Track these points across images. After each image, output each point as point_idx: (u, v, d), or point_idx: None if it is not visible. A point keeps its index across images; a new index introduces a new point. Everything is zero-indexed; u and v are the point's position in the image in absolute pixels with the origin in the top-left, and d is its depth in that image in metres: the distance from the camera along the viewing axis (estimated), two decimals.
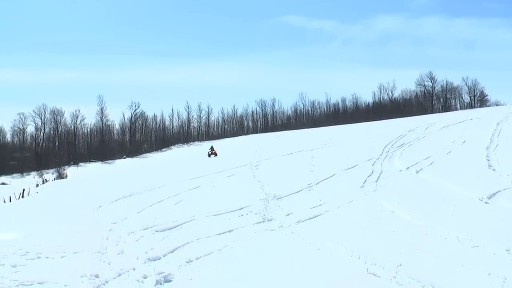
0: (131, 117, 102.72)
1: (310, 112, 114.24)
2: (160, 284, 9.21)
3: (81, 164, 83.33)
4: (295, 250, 11.36)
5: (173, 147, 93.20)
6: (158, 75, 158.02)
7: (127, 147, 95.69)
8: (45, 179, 55.81)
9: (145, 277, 9.55)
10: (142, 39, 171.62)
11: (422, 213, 14.11)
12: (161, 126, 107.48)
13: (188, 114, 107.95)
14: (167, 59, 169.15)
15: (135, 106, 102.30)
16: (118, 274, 9.84)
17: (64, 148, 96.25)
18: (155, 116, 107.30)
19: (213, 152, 50.52)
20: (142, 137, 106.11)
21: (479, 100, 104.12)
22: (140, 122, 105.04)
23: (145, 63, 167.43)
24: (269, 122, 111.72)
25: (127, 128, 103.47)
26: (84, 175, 61.15)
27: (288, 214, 15.66)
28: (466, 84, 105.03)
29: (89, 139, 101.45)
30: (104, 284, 9.30)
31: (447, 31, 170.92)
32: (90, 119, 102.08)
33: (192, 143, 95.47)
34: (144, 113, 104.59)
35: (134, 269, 10.18)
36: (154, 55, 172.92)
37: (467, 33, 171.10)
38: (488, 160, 22.54)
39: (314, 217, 15.05)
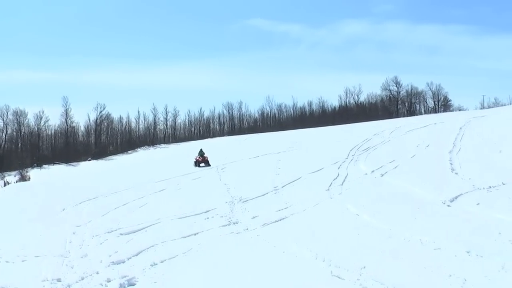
0: (97, 119, 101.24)
1: (277, 115, 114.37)
2: (124, 287, 9.12)
3: (44, 166, 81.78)
4: (260, 253, 11.37)
5: (139, 149, 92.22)
6: (124, 77, 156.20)
7: (92, 149, 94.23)
8: (7, 182, 54.62)
9: (108, 281, 9.44)
10: (108, 40, 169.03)
11: (386, 216, 14.27)
12: (127, 128, 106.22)
13: (155, 116, 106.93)
14: (133, 61, 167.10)
15: (100, 107, 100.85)
16: (81, 278, 9.70)
17: (27, 149, 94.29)
18: (121, 118, 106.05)
19: (203, 159, 35.64)
20: (107, 139, 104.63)
21: (442, 105, 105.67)
22: (105, 124, 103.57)
23: (111, 64, 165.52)
24: (236, 125, 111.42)
25: (92, 130, 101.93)
26: (48, 177, 60.16)
27: (253, 217, 15.67)
28: (430, 89, 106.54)
29: (53, 141, 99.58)
30: None
31: (411, 37, 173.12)
32: (54, 121, 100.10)
33: (158, 145, 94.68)
34: (110, 115, 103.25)
35: (97, 273, 10.04)
36: (120, 57, 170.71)
37: (430, 39, 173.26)
38: (451, 164, 22.91)
39: (280, 220, 15.10)
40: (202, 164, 34.91)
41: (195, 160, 35.90)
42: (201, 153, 36.67)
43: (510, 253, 9.69)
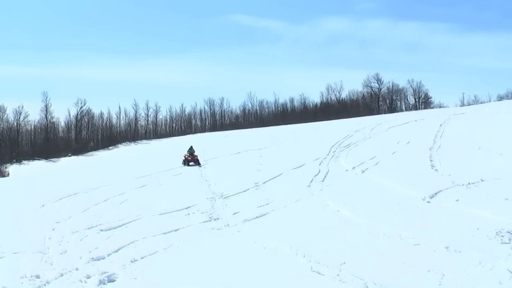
0: (77, 114, 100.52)
1: (258, 111, 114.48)
2: (104, 284, 9.07)
3: (24, 162, 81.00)
4: (240, 249, 11.39)
5: (120, 145, 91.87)
6: (105, 73, 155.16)
7: (73, 145, 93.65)
8: None
9: (88, 277, 9.37)
10: (89, 35, 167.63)
11: (366, 212, 14.35)
12: (108, 124, 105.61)
13: (136, 112, 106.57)
14: (114, 56, 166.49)
15: (81, 103, 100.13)
16: (60, 274, 9.62)
17: (6, 145, 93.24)
18: (101, 114, 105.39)
19: (193, 157, 32.50)
20: (88, 135, 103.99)
21: (423, 102, 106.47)
22: (86, 119, 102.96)
23: (91, 60, 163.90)
24: (217, 121, 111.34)
25: (72, 126, 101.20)
26: (28, 173, 59.62)
27: (234, 213, 15.69)
28: (411, 86, 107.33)
29: (32, 137, 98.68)
30: (45, 285, 9.08)
31: (392, 34, 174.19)
32: (34, 116, 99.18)
33: (139, 141, 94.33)
34: (90, 110, 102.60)
35: (77, 269, 9.98)
36: (101, 52, 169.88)
37: (411, 36, 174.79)
38: (431, 160, 23.09)
39: (261, 216, 15.12)
40: (192, 163, 31.89)
41: (184, 159, 32.53)
42: (191, 151, 33.10)
43: (487, 248, 9.79)
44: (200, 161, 32.07)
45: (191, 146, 33.98)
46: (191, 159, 32.22)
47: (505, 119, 34.85)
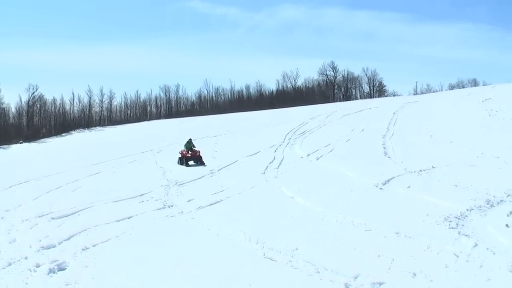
0: (29, 100, 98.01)
1: (214, 98, 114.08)
2: (54, 272, 8.90)
3: None
4: (194, 236, 11.35)
5: (73, 132, 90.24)
6: (58, 58, 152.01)
7: (24, 132, 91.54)
8: None
9: (37, 266, 9.19)
10: (41, 20, 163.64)
11: (320, 198, 14.48)
12: (61, 110, 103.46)
13: (90, 98, 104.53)
14: (67, 42, 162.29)
15: (33, 88, 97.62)
16: (8, 264, 9.42)
17: None
18: (54, 100, 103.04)
19: (194, 154, 24.90)
20: (40, 122, 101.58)
21: (377, 90, 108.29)
22: (38, 105, 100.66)
23: (43, 45, 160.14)
24: (173, 108, 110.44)
25: (24, 112, 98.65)
26: None
27: (189, 200, 15.62)
28: (366, 74, 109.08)
29: None
30: None
31: (348, 23, 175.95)
32: None
33: (93, 128, 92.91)
34: (43, 96, 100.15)
35: (26, 258, 9.78)
36: (53, 37, 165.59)
37: (366, 25, 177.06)
38: (384, 148, 23.50)
39: (215, 203, 15.10)
40: (192, 162, 24.68)
41: (180, 156, 25.25)
42: (188, 146, 25.47)
43: (436, 233, 10.02)
44: (203, 158, 24.77)
45: (190, 139, 26.65)
46: (191, 156, 24.81)
47: (455, 108, 35.68)
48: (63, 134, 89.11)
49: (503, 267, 8.01)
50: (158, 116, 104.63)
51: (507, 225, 10.39)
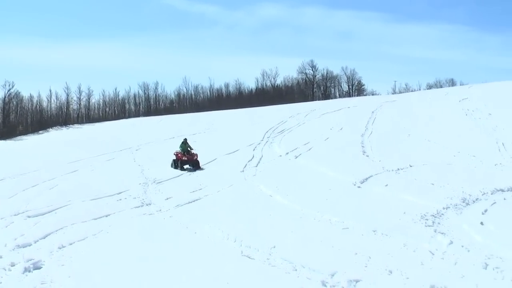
0: (5, 97, 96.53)
1: (193, 96, 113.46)
2: (29, 271, 8.78)
3: None
4: (172, 234, 11.31)
5: (51, 129, 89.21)
6: (35, 55, 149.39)
7: (0, 129, 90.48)
8: None
9: (12, 265, 9.05)
10: (17, 16, 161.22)
11: (298, 197, 14.55)
12: (38, 107, 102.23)
13: (67, 95, 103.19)
14: (44, 39, 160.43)
15: (9, 85, 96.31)
16: None
17: None
18: (31, 97, 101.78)
19: (191, 157, 22.77)
20: (17, 119, 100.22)
21: (356, 89, 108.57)
22: (14, 102, 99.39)
23: (20, 41, 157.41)
24: (151, 105, 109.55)
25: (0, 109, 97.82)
26: None
27: (167, 198, 15.60)
28: (345, 73, 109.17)
29: None
30: None
31: (327, 22, 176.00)
32: None
33: (71, 125, 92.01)
34: (19, 93, 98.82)
35: (0, 257, 9.61)
36: (30, 34, 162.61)
37: (346, 25, 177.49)
38: (363, 146, 23.65)
39: (194, 201, 15.09)
40: (188, 166, 22.65)
41: (175, 158, 23.26)
42: (184, 147, 23.51)
43: (412, 231, 10.13)
44: (199, 162, 22.84)
45: (185, 140, 24.63)
46: (187, 159, 22.80)
47: (433, 107, 35.98)
48: (40, 132, 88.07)
49: (477, 264, 8.13)
50: (137, 114, 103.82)
51: (482, 223, 10.55)
